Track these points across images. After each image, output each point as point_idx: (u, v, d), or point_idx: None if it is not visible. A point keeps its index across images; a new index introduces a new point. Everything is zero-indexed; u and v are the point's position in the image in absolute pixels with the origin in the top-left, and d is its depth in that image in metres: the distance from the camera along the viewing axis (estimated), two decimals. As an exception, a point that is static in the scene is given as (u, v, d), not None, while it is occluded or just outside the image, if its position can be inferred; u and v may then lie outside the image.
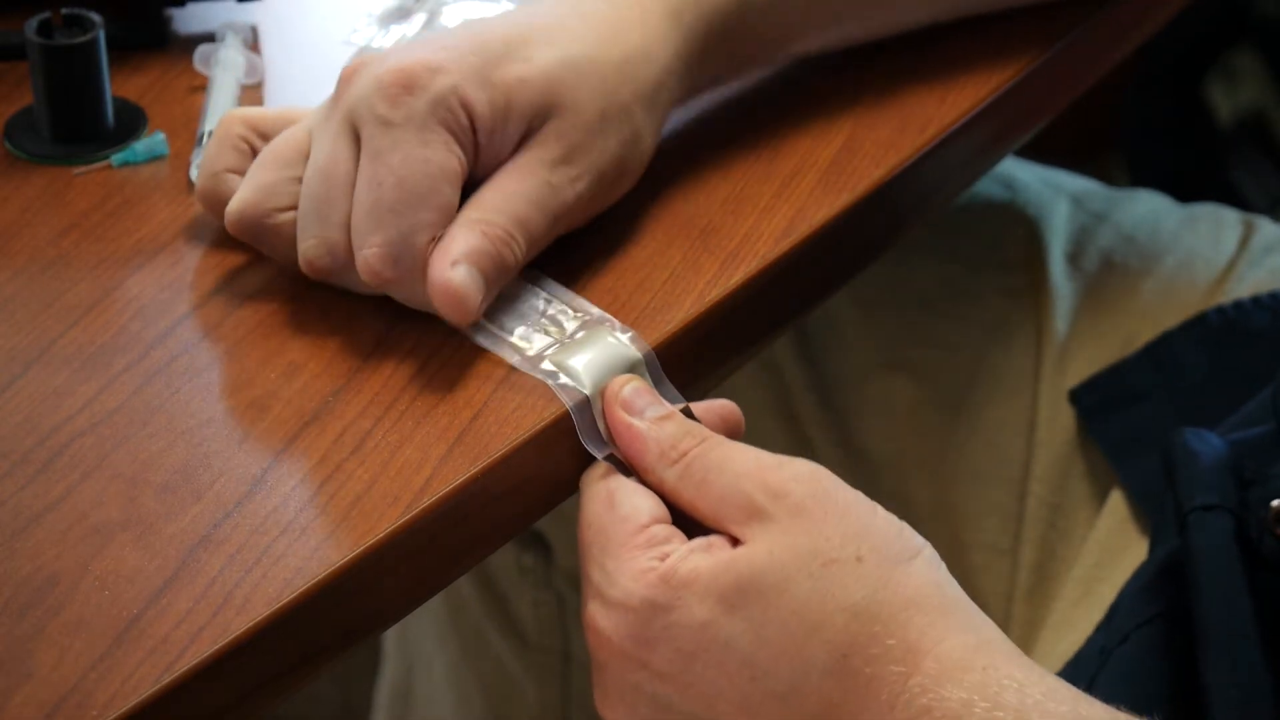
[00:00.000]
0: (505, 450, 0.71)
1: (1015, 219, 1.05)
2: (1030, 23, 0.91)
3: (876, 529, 0.68)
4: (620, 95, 0.78)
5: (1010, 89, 0.89)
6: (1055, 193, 1.07)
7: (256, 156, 0.78)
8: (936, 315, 1.03)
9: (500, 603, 1.11)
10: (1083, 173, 1.11)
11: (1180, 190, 1.15)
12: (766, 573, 0.67)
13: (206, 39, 0.91)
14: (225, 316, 0.77)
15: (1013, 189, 1.07)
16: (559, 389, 0.73)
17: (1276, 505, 0.77)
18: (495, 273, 0.74)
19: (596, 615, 0.69)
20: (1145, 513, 0.92)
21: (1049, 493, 0.98)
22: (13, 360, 0.74)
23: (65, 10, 0.83)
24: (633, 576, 0.68)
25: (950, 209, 1.05)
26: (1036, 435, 0.99)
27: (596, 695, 0.71)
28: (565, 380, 0.73)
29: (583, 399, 0.73)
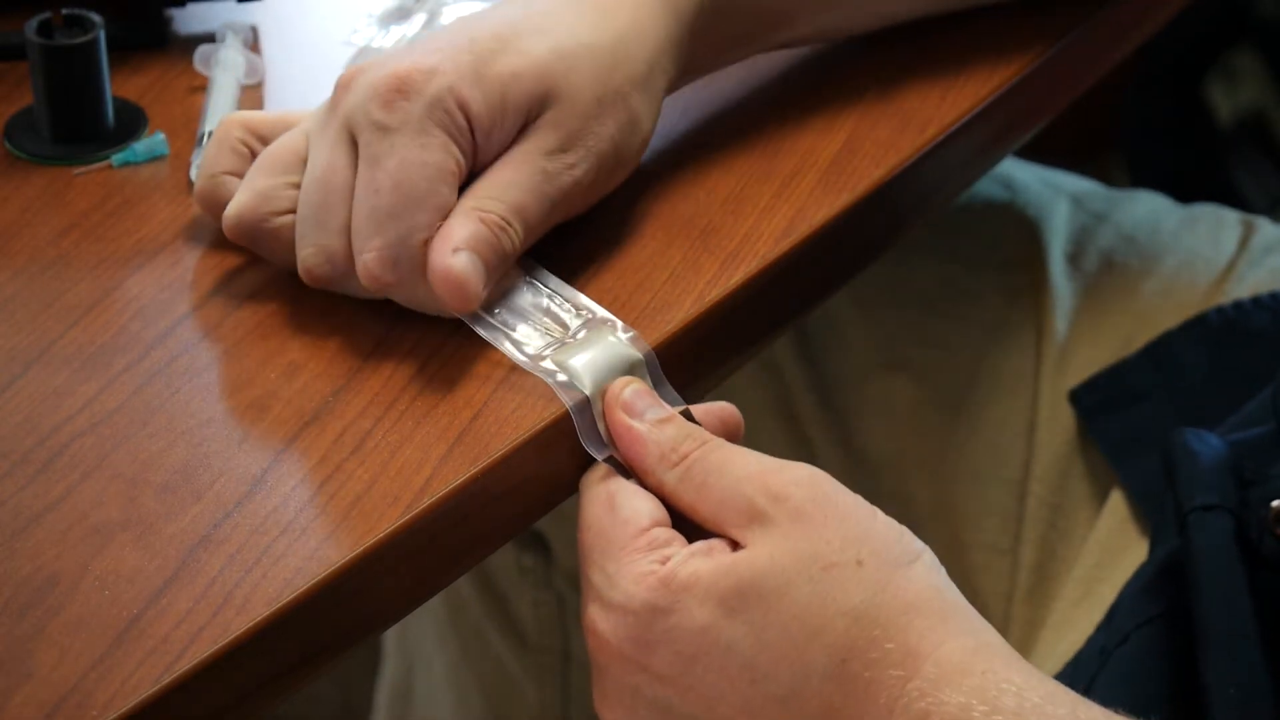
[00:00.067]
0: (505, 450, 0.71)
1: (1015, 219, 1.05)
2: (1030, 23, 0.91)
3: (877, 533, 0.68)
4: (615, 80, 0.78)
5: (1010, 89, 0.89)
6: (1055, 193, 1.07)
7: (255, 160, 0.78)
8: (936, 315, 1.03)
9: (500, 603, 1.11)
10: (1083, 173, 1.11)
11: (1180, 190, 1.15)
12: (767, 576, 0.67)
13: (206, 39, 0.91)
14: (225, 316, 0.77)
15: (1013, 189, 1.07)
16: (559, 388, 0.73)
17: (1277, 505, 0.77)
18: (495, 259, 0.74)
19: (596, 618, 0.69)
20: (1145, 513, 0.92)
21: (1049, 493, 0.98)
22: (13, 360, 0.74)
23: (65, 10, 0.83)
24: (633, 579, 0.68)
25: (950, 209, 1.04)
26: (1036, 435, 0.99)
27: (596, 697, 0.71)
28: (565, 379, 0.73)
29: (583, 400, 0.73)
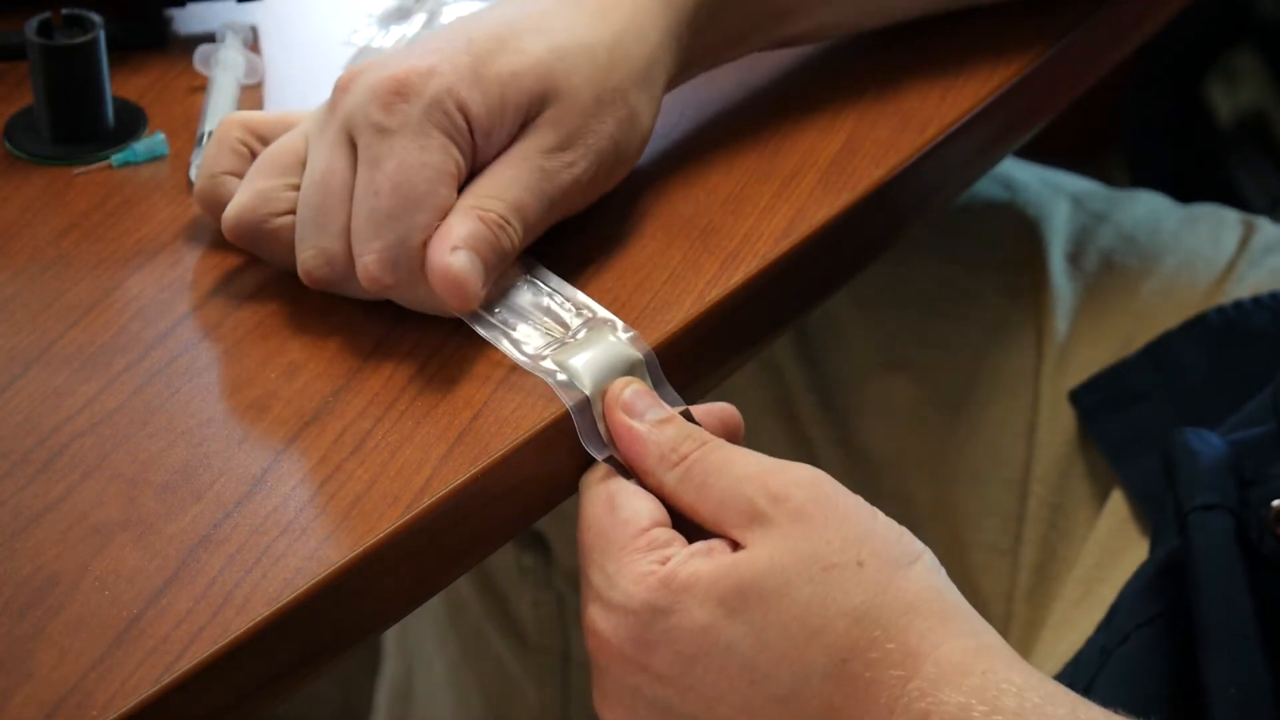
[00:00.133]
0: (505, 450, 0.71)
1: (1015, 219, 1.05)
2: (1030, 23, 0.91)
3: (877, 534, 0.68)
4: (613, 78, 0.77)
5: (1010, 89, 0.89)
6: (1055, 193, 1.07)
7: (254, 160, 0.78)
8: (936, 315, 1.03)
9: (500, 603, 1.11)
10: (1083, 173, 1.11)
11: (1180, 190, 1.15)
12: (767, 577, 0.67)
13: (206, 39, 0.90)
14: (225, 316, 0.77)
15: (1013, 189, 1.07)
16: (559, 387, 0.73)
17: (1277, 505, 0.77)
18: (494, 258, 0.74)
19: (596, 618, 0.69)
20: (1145, 513, 0.92)
21: (1049, 493, 0.98)
22: (13, 360, 0.74)
23: (65, 10, 0.83)
24: (633, 580, 0.68)
25: (950, 209, 1.04)
26: (1037, 435, 0.99)
27: (596, 697, 0.71)
28: (565, 379, 0.73)
29: (583, 400, 0.73)
